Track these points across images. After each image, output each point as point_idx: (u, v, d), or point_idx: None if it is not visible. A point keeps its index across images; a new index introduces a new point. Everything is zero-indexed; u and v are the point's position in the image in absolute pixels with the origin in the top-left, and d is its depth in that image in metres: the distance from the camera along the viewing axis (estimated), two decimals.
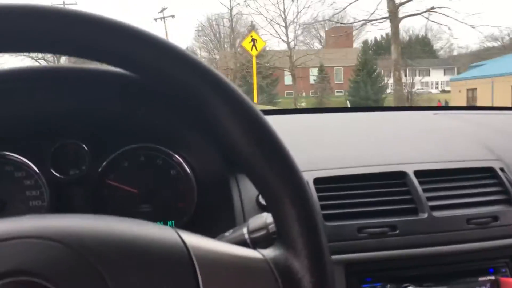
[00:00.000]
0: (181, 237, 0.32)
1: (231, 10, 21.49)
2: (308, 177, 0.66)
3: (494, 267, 0.67)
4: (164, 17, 24.07)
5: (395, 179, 0.69)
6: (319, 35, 21.27)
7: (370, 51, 23.35)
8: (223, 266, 0.32)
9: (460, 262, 0.66)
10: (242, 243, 0.46)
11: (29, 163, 0.65)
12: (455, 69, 28.76)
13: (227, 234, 0.50)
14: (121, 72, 0.36)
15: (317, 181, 0.67)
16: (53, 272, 0.28)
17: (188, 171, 0.69)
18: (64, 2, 21.17)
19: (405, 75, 19.35)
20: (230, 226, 0.54)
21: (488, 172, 0.72)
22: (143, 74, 0.34)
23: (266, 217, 0.47)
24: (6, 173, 0.66)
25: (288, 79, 24.97)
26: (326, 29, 21.24)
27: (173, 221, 0.70)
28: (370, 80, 20.95)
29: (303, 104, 20.78)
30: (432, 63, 28.15)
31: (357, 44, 26.09)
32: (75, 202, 0.68)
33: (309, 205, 0.34)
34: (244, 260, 0.33)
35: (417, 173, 0.69)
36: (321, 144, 0.83)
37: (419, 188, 0.67)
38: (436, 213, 0.66)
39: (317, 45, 21.67)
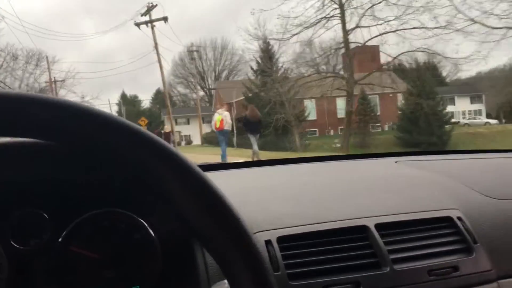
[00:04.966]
0: None
1: None
2: (272, 236, 0.79)
3: None
4: (152, 21, 21.93)
5: (357, 234, 0.83)
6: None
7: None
8: None
9: None
10: None
11: None
12: (483, 96, 28.07)
13: None
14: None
15: (280, 239, 0.79)
16: None
17: (152, 235, 0.81)
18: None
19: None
20: None
21: (446, 222, 0.87)
22: (97, 153, 0.43)
23: (228, 285, 0.56)
24: None
25: (311, 114, 23.05)
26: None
27: (138, 287, 0.80)
28: (431, 108, 17.85)
29: (338, 146, 18.57)
30: (455, 91, 27.15)
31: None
32: (37, 273, 0.78)
33: (262, 269, 0.41)
34: None
35: (378, 226, 0.83)
36: (284, 200, 0.95)
37: (380, 241, 0.80)
38: (398, 266, 0.79)
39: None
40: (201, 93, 31.59)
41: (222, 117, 10.86)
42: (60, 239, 0.78)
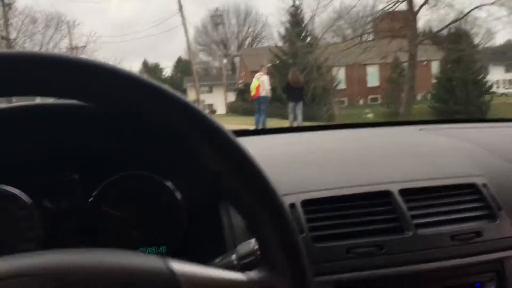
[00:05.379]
0: (167, 264, 0.40)
1: None
2: (296, 199, 0.82)
3: (481, 281, 0.82)
4: None
5: (381, 199, 0.85)
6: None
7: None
8: None
9: (447, 278, 0.81)
10: (231, 270, 0.58)
11: (22, 194, 0.81)
12: None
13: (216, 261, 0.60)
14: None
15: (305, 203, 0.82)
16: None
17: (179, 197, 0.86)
18: None
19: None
20: (220, 251, 0.68)
21: (471, 188, 0.89)
22: (125, 111, 0.43)
23: (254, 244, 0.56)
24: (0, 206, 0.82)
25: (340, 83, 22.22)
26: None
27: (165, 247, 0.85)
28: (472, 75, 16.62)
29: (370, 116, 17.70)
30: (489, 59, 26.00)
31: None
32: (68, 232, 0.83)
33: (290, 228, 0.43)
34: (230, 283, 0.43)
35: (402, 192, 0.85)
36: (309, 165, 0.98)
37: (404, 206, 0.83)
38: (421, 231, 0.81)
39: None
40: (224, 61, 31.35)
41: (259, 83, 10.13)
42: (90, 200, 0.83)
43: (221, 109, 29.75)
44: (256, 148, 0.45)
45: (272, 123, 12.11)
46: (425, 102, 20.14)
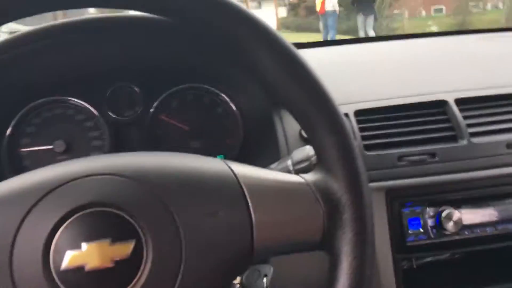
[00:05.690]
0: (230, 167, 0.43)
1: None
2: (349, 109, 0.83)
3: None
4: None
5: (435, 108, 0.85)
6: None
7: None
8: (269, 190, 0.43)
9: (498, 185, 0.82)
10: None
11: (89, 106, 0.88)
12: None
13: (272, 166, 0.64)
14: (164, 18, 0.49)
15: (357, 113, 0.83)
16: (124, 203, 0.38)
17: (234, 108, 0.90)
18: None
19: None
20: (275, 159, 0.69)
21: None
22: (185, 22, 0.44)
23: (309, 150, 0.59)
24: (69, 116, 0.88)
25: None
26: None
27: (221, 156, 0.89)
28: None
29: (433, 29, 16.39)
30: None
31: None
32: (132, 141, 0.91)
33: (345, 131, 0.44)
34: (288, 184, 0.45)
35: (458, 101, 0.85)
36: (362, 76, 0.98)
37: (459, 115, 0.83)
38: (476, 139, 0.82)
39: None
40: None
41: None
42: (151, 111, 0.90)
43: (271, 25, 28.78)
44: (313, 58, 0.47)
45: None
46: (496, 12, 18.75)
